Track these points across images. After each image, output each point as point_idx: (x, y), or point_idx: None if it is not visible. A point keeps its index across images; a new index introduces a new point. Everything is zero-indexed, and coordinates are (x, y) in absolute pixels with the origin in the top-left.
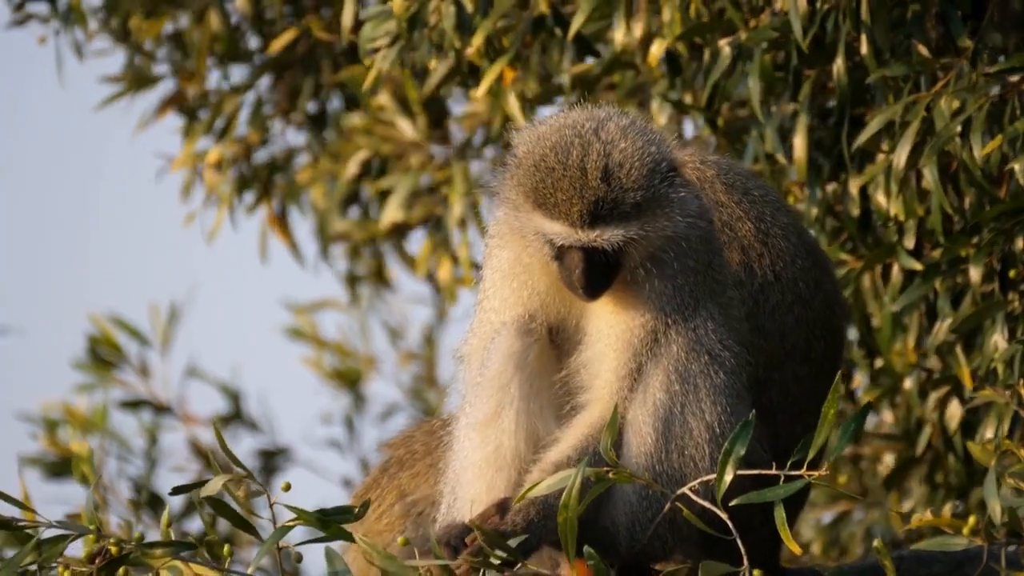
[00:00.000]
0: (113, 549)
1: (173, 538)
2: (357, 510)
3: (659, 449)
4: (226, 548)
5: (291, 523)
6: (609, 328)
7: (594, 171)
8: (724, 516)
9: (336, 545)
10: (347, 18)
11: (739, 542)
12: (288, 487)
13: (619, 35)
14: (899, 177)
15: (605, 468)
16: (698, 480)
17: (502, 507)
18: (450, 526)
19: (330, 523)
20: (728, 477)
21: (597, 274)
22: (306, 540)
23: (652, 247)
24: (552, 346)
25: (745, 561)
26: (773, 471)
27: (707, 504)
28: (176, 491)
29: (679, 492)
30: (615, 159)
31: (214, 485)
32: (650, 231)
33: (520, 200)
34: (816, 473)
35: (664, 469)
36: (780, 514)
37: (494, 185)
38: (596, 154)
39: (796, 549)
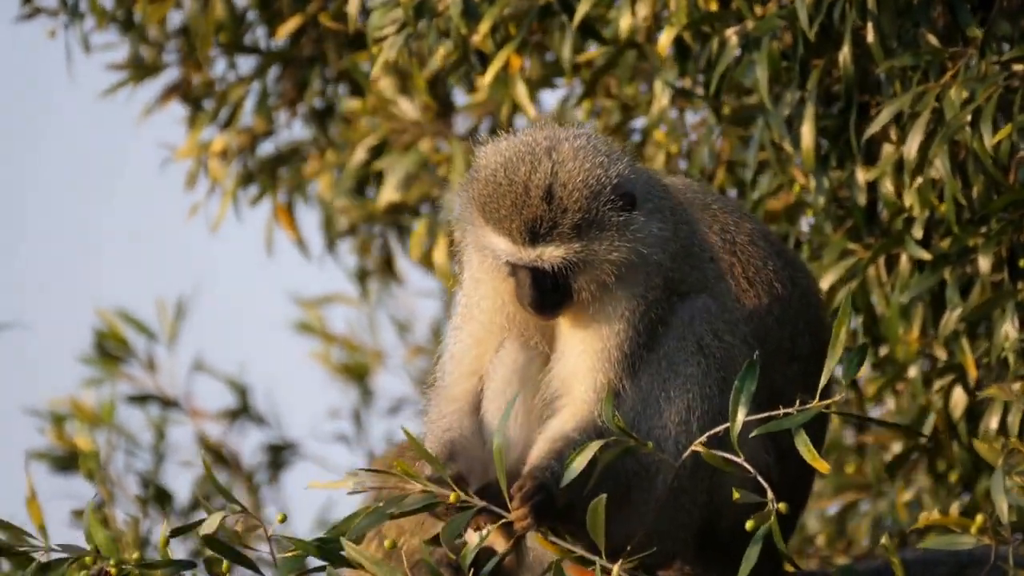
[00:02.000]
0: (112, 571)
1: (174, 550)
2: (352, 535)
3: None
4: (224, 564)
5: (291, 554)
6: (579, 343)
7: (536, 190)
8: (740, 459)
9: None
10: (353, 6)
11: (760, 479)
12: (284, 519)
13: (624, 22)
14: (911, 169)
15: (613, 438)
16: (705, 435)
17: (478, 493)
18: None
19: (329, 552)
20: (740, 417)
21: (545, 293)
22: (307, 570)
23: (600, 270)
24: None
25: (770, 493)
26: (785, 410)
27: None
28: (176, 532)
29: (681, 460)
30: (560, 179)
31: (211, 523)
32: (592, 255)
33: (474, 213)
34: (830, 400)
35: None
36: (802, 438)
37: (458, 198)
38: (543, 173)
39: (823, 467)
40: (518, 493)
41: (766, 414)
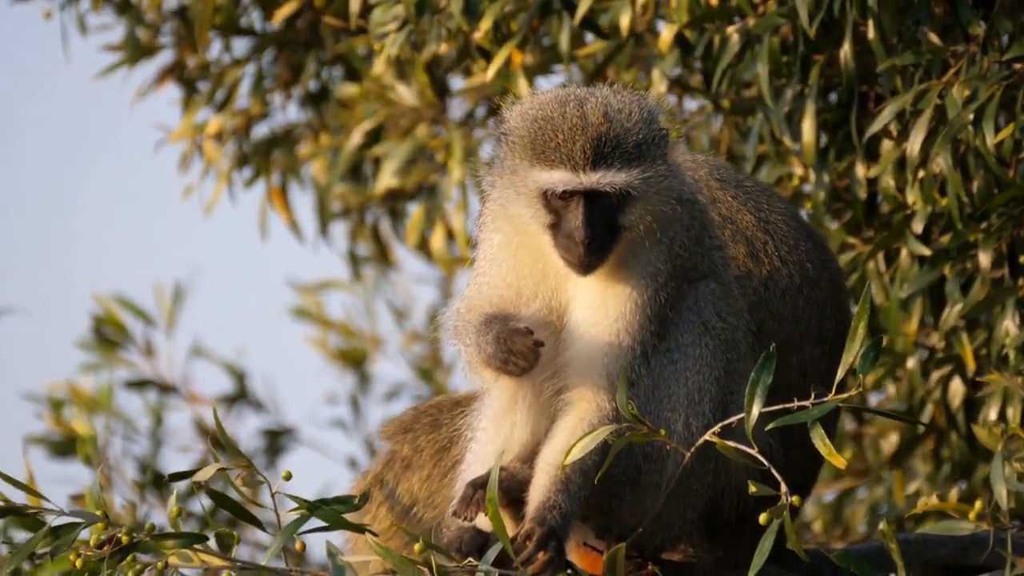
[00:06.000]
0: (124, 539)
1: (181, 523)
2: (357, 500)
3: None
4: (235, 536)
5: (293, 512)
6: (593, 329)
7: (595, 113)
8: (754, 451)
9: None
10: (355, 2)
11: (774, 471)
12: (289, 476)
13: (624, 19)
14: (914, 166)
15: (625, 425)
16: (718, 425)
17: (475, 484)
18: (461, 530)
19: (331, 513)
20: (756, 410)
21: (599, 230)
22: (309, 529)
23: (651, 205)
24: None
25: (784, 486)
26: (799, 403)
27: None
28: (174, 477)
29: (695, 448)
30: (614, 105)
31: (209, 471)
32: (652, 178)
33: (516, 161)
34: (847, 395)
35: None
36: (819, 432)
37: (485, 171)
38: (594, 101)
39: (840, 462)
40: (527, 543)
41: (780, 406)
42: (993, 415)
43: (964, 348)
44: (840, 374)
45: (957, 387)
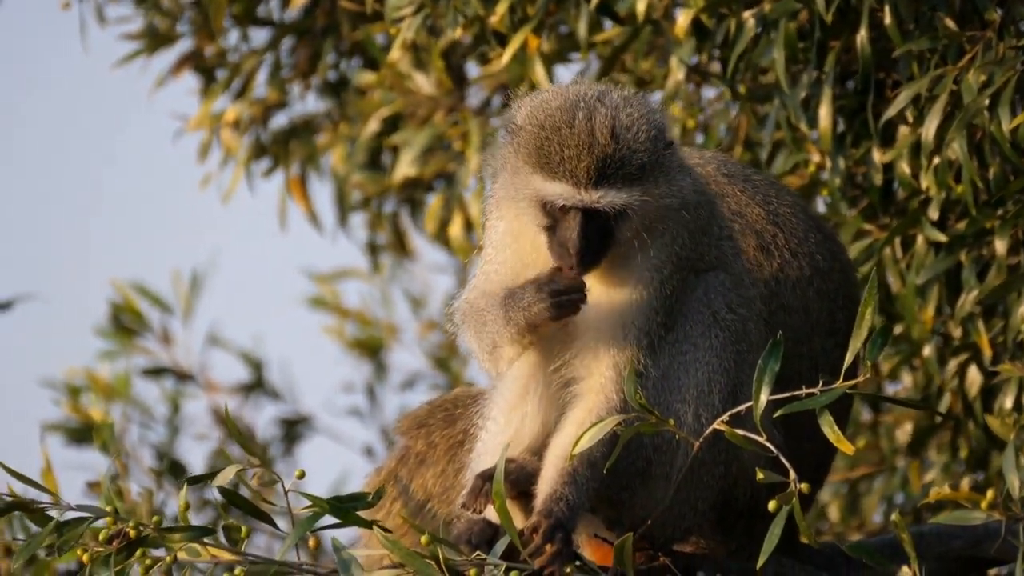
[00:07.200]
0: (131, 533)
1: (191, 519)
2: (371, 497)
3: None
4: (244, 530)
5: (305, 509)
6: (599, 321)
7: (602, 130)
8: (763, 438)
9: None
10: None
11: (783, 459)
12: (303, 475)
13: (641, 5)
14: (928, 151)
15: (633, 415)
16: (727, 413)
17: (484, 476)
18: (470, 522)
19: (344, 511)
20: (764, 397)
21: (593, 242)
22: (322, 526)
23: (649, 218)
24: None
25: (792, 473)
26: (810, 389)
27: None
28: (192, 481)
29: (703, 436)
30: (622, 121)
31: (226, 475)
32: (651, 199)
33: (520, 163)
34: (855, 381)
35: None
36: (827, 418)
37: (493, 157)
38: (603, 115)
39: (848, 448)
40: (534, 535)
41: (788, 394)
42: (1009, 403)
43: (981, 336)
44: (848, 360)
45: (974, 375)
